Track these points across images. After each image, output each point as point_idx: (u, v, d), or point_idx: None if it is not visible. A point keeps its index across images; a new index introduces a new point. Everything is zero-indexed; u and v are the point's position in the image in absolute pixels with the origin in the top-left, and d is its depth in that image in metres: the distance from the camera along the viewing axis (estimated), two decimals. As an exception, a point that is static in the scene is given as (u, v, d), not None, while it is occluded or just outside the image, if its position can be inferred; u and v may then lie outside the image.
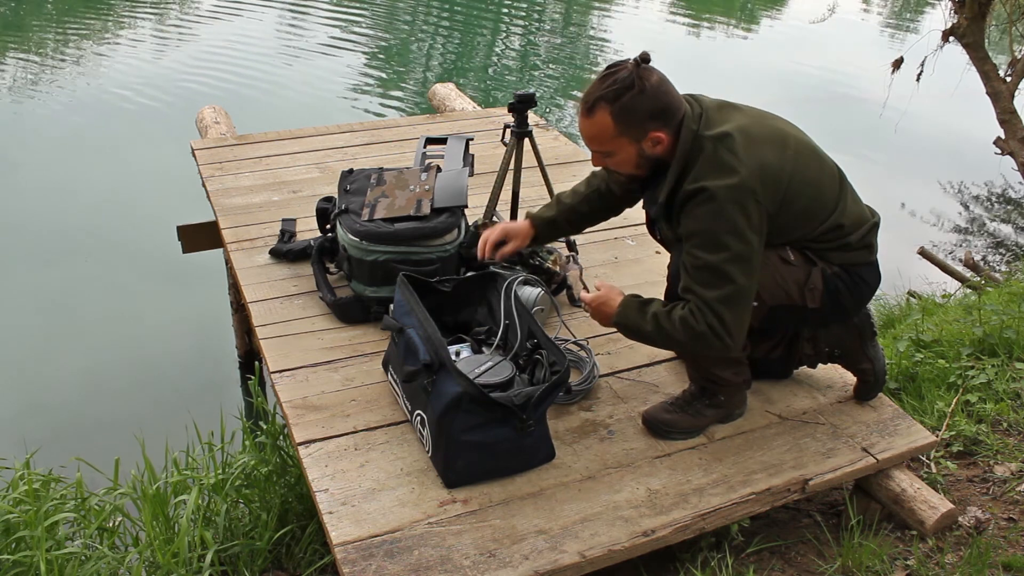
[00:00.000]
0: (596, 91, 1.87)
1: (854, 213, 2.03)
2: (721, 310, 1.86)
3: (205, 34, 8.94)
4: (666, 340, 1.97)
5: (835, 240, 2.00)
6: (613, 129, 1.88)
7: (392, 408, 2.22)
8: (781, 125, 1.99)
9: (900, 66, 5.62)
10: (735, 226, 1.84)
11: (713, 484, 2.04)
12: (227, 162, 3.56)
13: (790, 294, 2.00)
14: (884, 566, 2.07)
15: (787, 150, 1.92)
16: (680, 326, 1.90)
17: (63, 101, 7.02)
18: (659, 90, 1.86)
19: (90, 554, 2.18)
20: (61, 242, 4.84)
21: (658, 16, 11.32)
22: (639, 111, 1.85)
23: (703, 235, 1.86)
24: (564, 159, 3.72)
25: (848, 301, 2.06)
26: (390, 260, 2.48)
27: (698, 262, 1.87)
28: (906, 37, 10.52)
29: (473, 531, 1.87)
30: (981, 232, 6.00)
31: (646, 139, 1.89)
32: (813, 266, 2.01)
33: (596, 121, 1.88)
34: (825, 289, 2.02)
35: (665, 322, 1.92)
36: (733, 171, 1.83)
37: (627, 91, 1.84)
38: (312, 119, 5.86)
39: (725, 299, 1.86)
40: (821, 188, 1.97)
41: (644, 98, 1.85)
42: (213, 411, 2.71)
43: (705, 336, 1.88)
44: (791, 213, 1.92)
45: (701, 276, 1.87)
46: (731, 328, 1.88)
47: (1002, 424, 2.64)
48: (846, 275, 2.03)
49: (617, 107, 1.85)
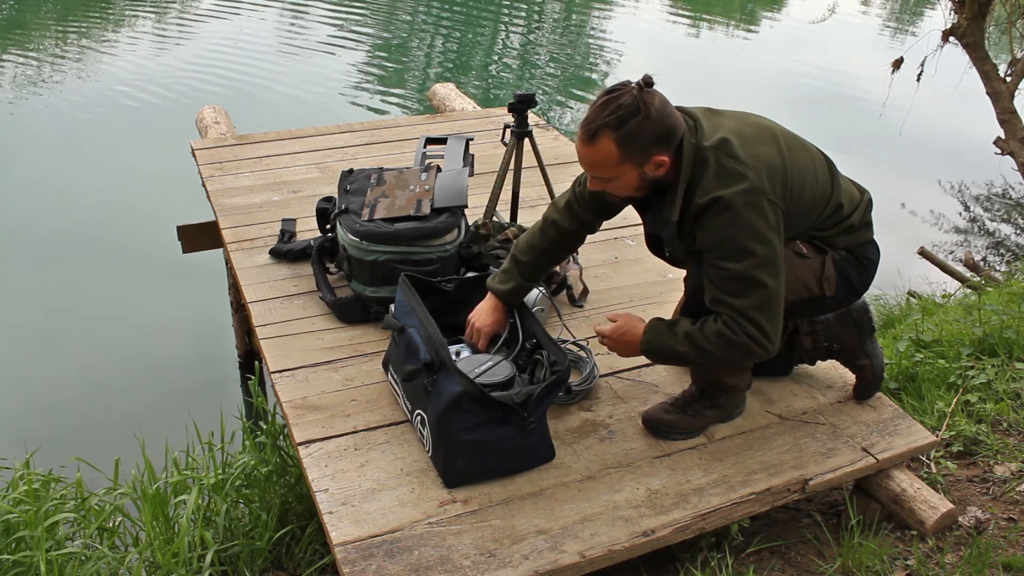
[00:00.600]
0: (598, 118, 1.80)
1: (848, 193, 2.05)
2: (757, 317, 1.84)
3: (205, 34, 8.94)
4: (703, 356, 1.92)
5: (838, 223, 2.01)
6: (617, 156, 1.82)
7: (392, 408, 2.22)
8: (765, 122, 1.99)
9: (900, 66, 5.62)
10: (756, 230, 1.82)
11: (713, 484, 2.04)
12: (227, 162, 3.56)
13: (809, 287, 2.01)
14: (884, 566, 2.07)
15: (779, 145, 1.91)
16: (717, 340, 1.87)
17: (63, 101, 7.02)
18: (663, 113, 1.81)
19: (90, 554, 2.18)
20: (61, 242, 4.84)
21: (658, 16, 11.32)
22: (644, 137, 1.80)
23: (725, 245, 1.83)
24: (564, 159, 3.72)
25: (859, 282, 2.08)
26: (390, 260, 2.48)
27: (725, 273, 1.84)
28: (906, 37, 10.53)
29: (473, 531, 1.87)
30: (981, 232, 6.00)
31: (649, 163, 1.85)
32: (824, 255, 2.02)
33: (599, 148, 1.82)
34: (838, 275, 2.03)
35: (700, 339, 1.89)
36: (742, 176, 1.82)
37: (632, 117, 1.78)
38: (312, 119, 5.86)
39: (759, 305, 1.84)
40: (816, 175, 1.98)
41: (649, 123, 1.79)
42: (213, 411, 2.71)
43: (746, 346, 1.86)
44: (796, 203, 1.92)
45: (730, 286, 1.85)
46: (769, 333, 1.86)
47: (1002, 424, 2.64)
48: (853, 258, 2.05)
49: (622, 134, 1.79)
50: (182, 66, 7.87)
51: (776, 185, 1.85)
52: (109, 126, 6.55)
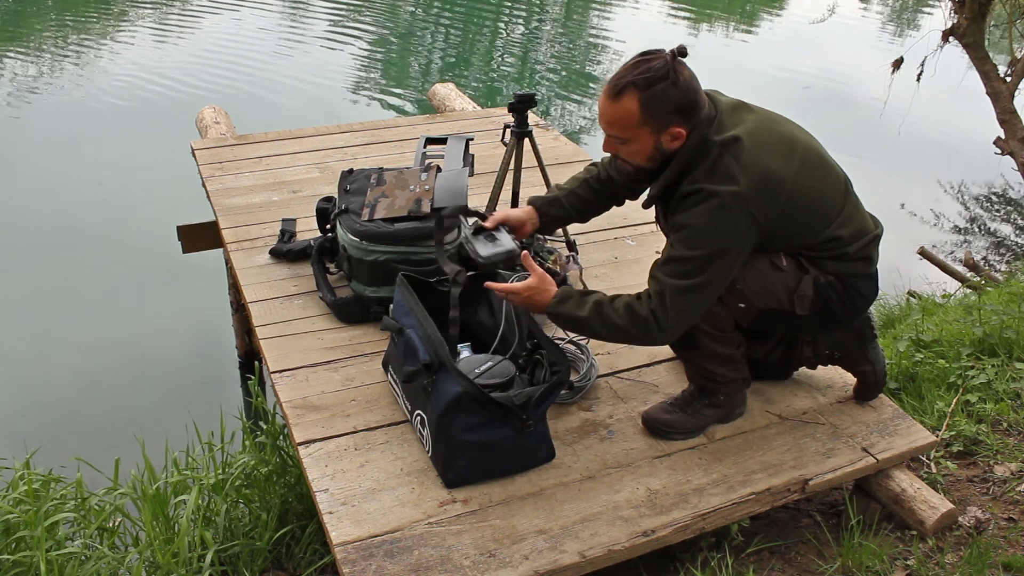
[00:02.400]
0: (627, 75, 1.83)
1: (856, 224, 2.01)
2: (672, 299, 1.87)
3: (205, 34, 8.94)
4: (604, 327, 1.95)
5: (831, 250, 1.98)
6: (638, 117, 1.84)
7: (392, 408, 2.22)
8: (792, 130, 1.98)
9: (900, 66, 5.62)
10: (719, 233, 1.84)
11: (713, 484, 2.04)
12: (227, 162, 3.56)
13: (778, 298, 1.99)
14: (884, 566, 2.07)
15: (793, 157, 1.90)
16: (624, 311, 1.91)
17: (63, 100, 7.02)
18: (689, 86, 1.84)
19: (90, 554, 2.18)
20: (61, 242, 4.84)
21: (658, 16, 11.31)
22: (667, 103, 1.83)
23: (689, 231, 1.86)
24: (564, 159, 3.72)
25: (840, 310, 2.04)
26: (390, 260, 2.48)
27: (675, 253, 1.88)
28: (906, 37, 10.52)
29: (473, 531, 1.87)
30: (981, 232, 6.00)
31: (666, 132, 1.87)
32: (805, 273, 1.99)
33: (622, 105, 1.85)
34: (816, 297, 2.00)
35: (608, 310, 1.93)
36: (734, 180, 1.82)
37: (660, 81, 1.81)
38: (312, 119, 5.86)
39: (683, 290, 1.87)
40: (824, 197, 1.96)
41: (675, 91, 1.82)
42: (213, 411, 2.71)
43: (646, 322, 1.89)
44: (789, 221, 1.91)
45: (671, 267, 1.88)
46: (672, 321, 1.89)
47: (1002, 424, 2.64)
48: (840, 285, 2.01)
49: (647, 95, 1.82)
50: (182, 66, 7.87)
51: (766, 196, 1.85)
52: (109, 126, 6.55)
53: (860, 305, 2.08)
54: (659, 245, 2.33)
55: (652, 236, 3.13)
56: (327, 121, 4.26)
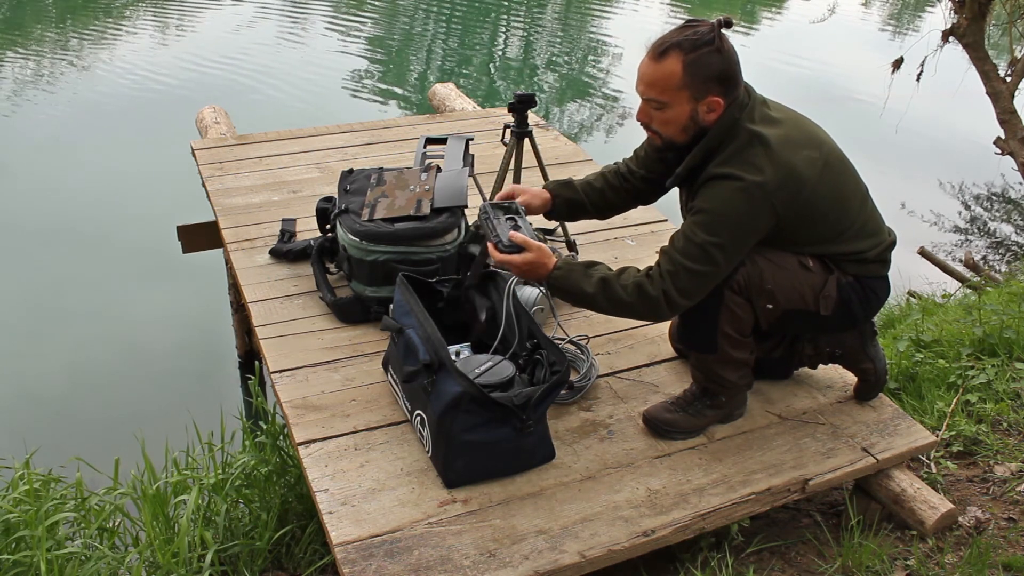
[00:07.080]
0: (673, 37, 1.84)
1: (872, 232, 2.04)
2: (684, 281, 1.88)
3: (205, 34, 8.94)
4: (608, 303, 1.94)
5: (852, 254, 2.01)
6: (679, 79, 1.84)
7: (392, 408, 2.22)
8: (819, 135, 1.99)
9: (900, 66, 5.62)
10: (739, 220, 1.86)
11: (713, 484, 2.04)
12: (227, 162, 3.56)
13: (805, 299, 2.01)
14: (884, 566, 2.07)
15: (818, 159, 1.92)
16: (633, 289, 1.91)
17: (63, 100, 7.02)
18: (732, 57, 1.86)
19: (90, 554, 2.18)
20: (60, 242, 4.84)
21: (658, 16, 11.31)
22: (710, 68, 1.83)
23: (708, 215, 1.87)
24: (564, 159, 3.72)
25: (858, 311, 2.07)
26: (390, 260, 2.48)
27: (692, 236, 1.88)
28: (906, 37, 10.52)
29: (473, 531, 1.87)
30: (981, 232, 6.00)
31: (704, 101, 1.87)
32: (830, 274, 2.02)
33: (664, 66, 1.84)
34: (839, 298, 2.03)
35: (615, 285, 1.92)
36: (760, 170, 1.84)
37: (705, 46, 1.82)
38: (312, 119, 5.86)
39: (697, 274, 1.88)
40: (843, 202, 1.98)
41: (719, 58, 1.83)
42: (213, 411, 2.71)
43: (656, 302, 1.89)
44: (807, 221, 1.93)
45: (687, 249, 1.88)
46: (679, 300, 1.90)
47: (1002, 424, 2.64)
48: (859, 286, 2.04)
49: (691, 58, 1.82)
50: (182, 66, 7.87)
51: (789, 192, 1.86)
52: (109, 126, 6.55)
53: (875, 305, 2.11)
54: (659, 245, 2.33)
55: (652, 236, 3.13)
56: (327, 121, 4.26)
